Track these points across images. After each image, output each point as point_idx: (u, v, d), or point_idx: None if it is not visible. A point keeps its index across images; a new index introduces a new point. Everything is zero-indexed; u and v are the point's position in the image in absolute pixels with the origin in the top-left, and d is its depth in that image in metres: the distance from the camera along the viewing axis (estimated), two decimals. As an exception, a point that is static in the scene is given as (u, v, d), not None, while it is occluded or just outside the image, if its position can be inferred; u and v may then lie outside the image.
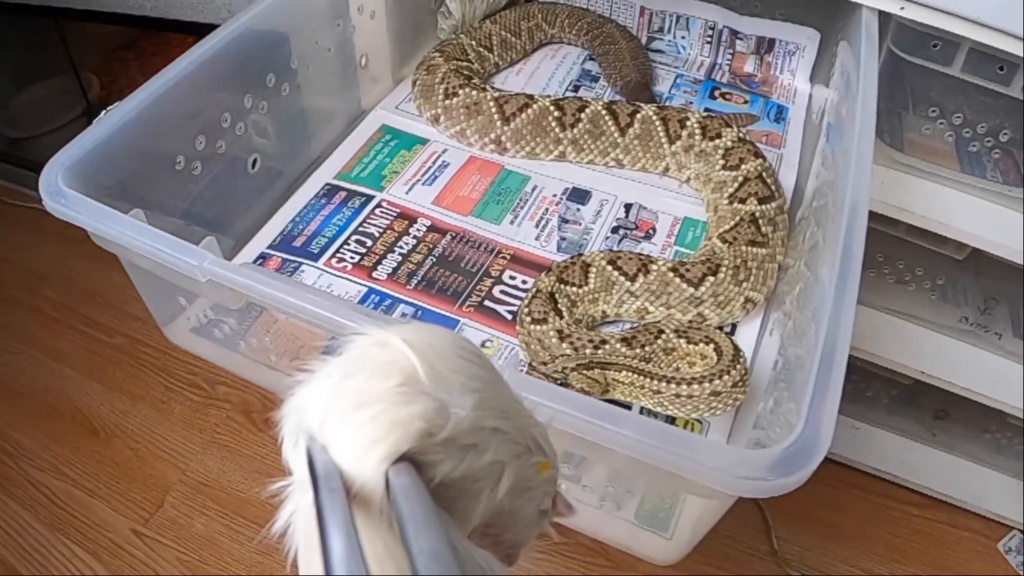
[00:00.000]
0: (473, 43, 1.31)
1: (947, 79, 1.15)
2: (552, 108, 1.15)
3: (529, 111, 1.15)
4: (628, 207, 1.12)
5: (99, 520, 1.49)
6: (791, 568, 1.49)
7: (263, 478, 1.51)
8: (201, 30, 1.52)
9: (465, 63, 1.26)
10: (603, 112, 1.14)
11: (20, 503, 1.51)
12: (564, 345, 0.88)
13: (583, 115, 1.15)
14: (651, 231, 1.09)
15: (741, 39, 1.41)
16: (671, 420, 0.88)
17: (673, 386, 0.82)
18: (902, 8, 1.06)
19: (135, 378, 1.71)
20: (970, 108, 1.22)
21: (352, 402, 0.36)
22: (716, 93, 1.35)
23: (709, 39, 1.43)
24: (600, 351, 0.88)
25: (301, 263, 1.01)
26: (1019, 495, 1.62)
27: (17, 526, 1.48)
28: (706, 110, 1.29)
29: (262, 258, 1.02)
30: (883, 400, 1.60)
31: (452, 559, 0.32)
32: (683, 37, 1.44)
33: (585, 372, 0.83)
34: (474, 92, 1.17)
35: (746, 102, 1.33)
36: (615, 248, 1.06)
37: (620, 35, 1.38)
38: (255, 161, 1.06)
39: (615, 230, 1.09)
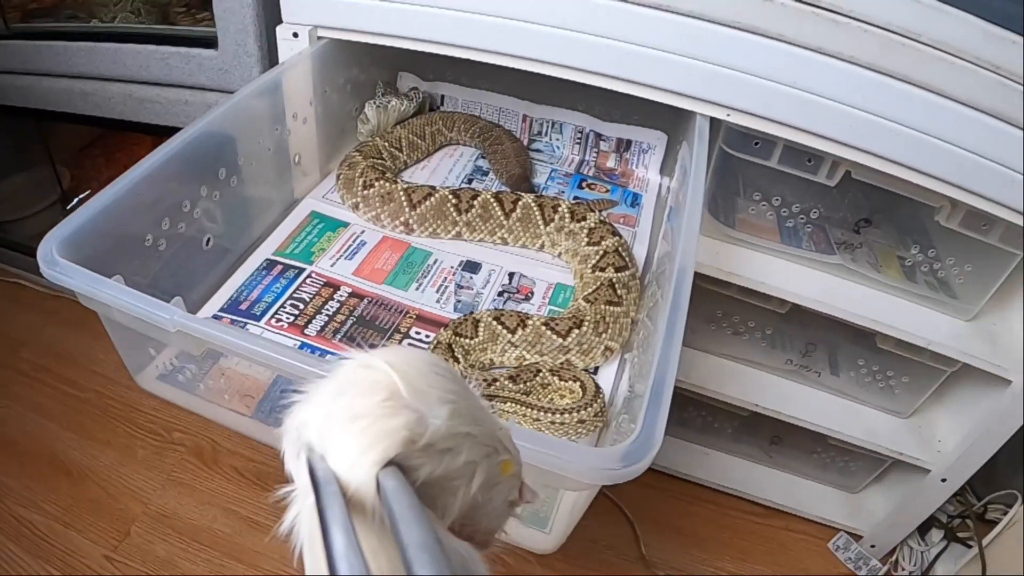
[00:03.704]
0: (386, 144, 1.37)
1: (767, 170, 1.22)
2: (450, 196, 1.21)
3: (432, 199, 1.21)
4: (511, 275, 1.19)
5: (75, 548, 1.50)
6: (658, 569, 1.53)
7: (213, 509, 1.55)
8: (158, 131, 1.58)
9: (380, 161, 1.32)
10: (491, 200, 1.21)
11: (7, 536, 1.51)
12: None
13: (475, 202, 1.21)
14: (530, 294, 1.15)
15: (604, 140, 1.50)
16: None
17: (549, 415, 0.89)
18: (728, 115, 1.13)
19: (103, 427, 1.71)
20: (787, 192, 1.30)
21: (345, 417, 0.37)
22: (583, 184, 1.42)
23: (578, 140, 1.52)
24: (492, 387, 0.95)
25: (247, 323, 1.05)
26: (842, 503, 1.70)
27: (5, 556, 1.48)
28: (575, 198, 1.36)
29: (216, 318, 1.06)
30: (727, 430, 1.65)
31: (438, 550, 0.32)
32: (557, 139, 1.53)
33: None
34: (387, 184, 1.22)
35: (607, 190, 1.40)
36: (500, 307, 1.12)
37: (506, 137, 1.45)
38: (208, 240, 1.10)
39: (500, 294, 1.15)
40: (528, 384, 0.96)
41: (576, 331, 1.01)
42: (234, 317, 1.06)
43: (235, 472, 1.62)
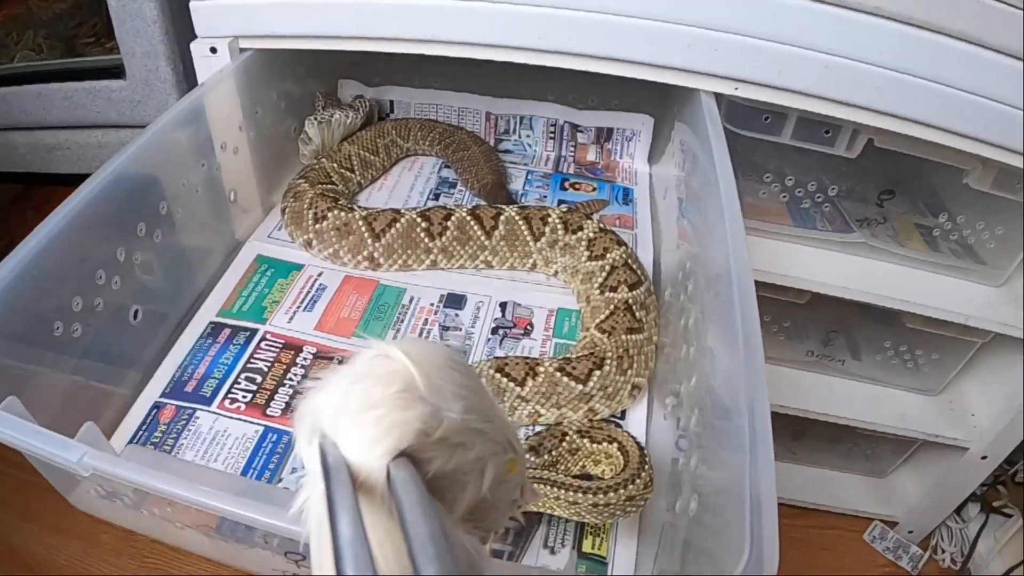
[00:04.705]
0: (335, 165, 1.15)
1: (778, 147, 1.07)
2: (419, 220, 1.00)
3: (398, 225, 1.00)
4: (503, 306, 0.98)
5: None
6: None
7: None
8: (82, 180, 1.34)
9: (330, 186, 1.10)
10: (468, 218, 1.00)
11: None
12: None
13: (449, 223, 1.00)
14: (529, 327, 0.95)
15: (581, 131, 1.31)
16: (581, 526, 0.73)
17: (590, 496, 0.68)
18: (736, 88, 0.96)
19: (63, 512, 1.47)
20: (800, 170, 1.17)
21: (360, 405, 0.35)
22: (566, 184, 1.23)
23: (552, 135, 1.32)
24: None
25: (195, 409, 0.83)
26: (872, 490, 1.57)
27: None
28: (560, 202, 1.18)
29: (156, 408, 0.84)
30: (747, 432, 1.48)
31: (444, 542, 0.31)
32: (528, 136, 1.33)
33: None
34: (343, 213, 1.01)
35: (594, 189, 1.22)
36: (498, 349, 0.92)
37: (471, 140, 1.25)
38: (136, 312, 0.88)
39: (495, 331, 0.94)
40: (554, 454, 0.75)
41: (597, 372, 0.81)
42: (179, 403, 0.84)
43: (210, 550, 1.40)
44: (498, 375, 0.81)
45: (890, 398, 1.36)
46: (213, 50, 1.04)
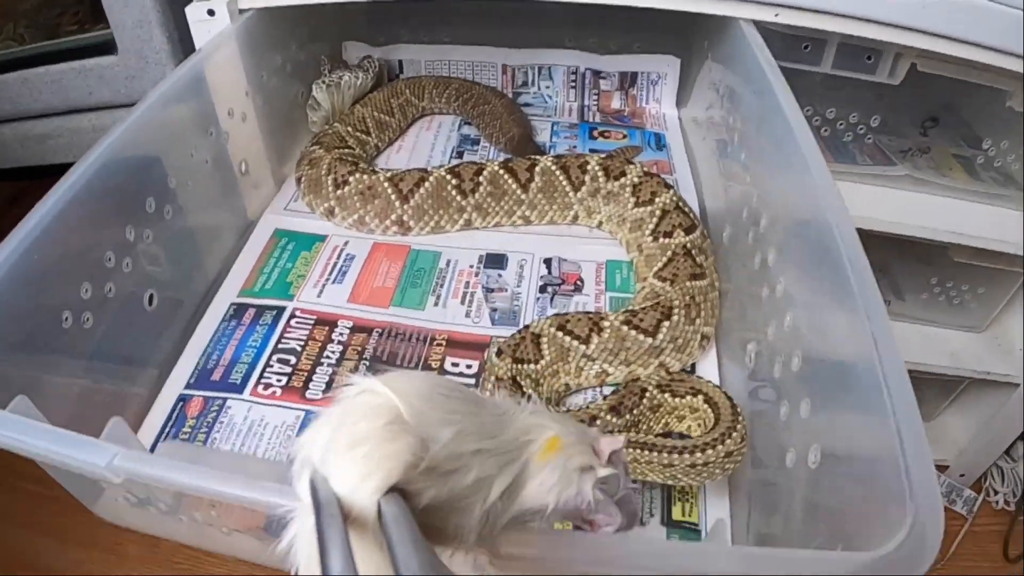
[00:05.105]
0: (349, 129, 1.07)
1: (818, 77, 1.02)
2: (449, 177, 0.92)
3: (426, 184, 0.92)
4: (548, 262, 0.91)
5: None
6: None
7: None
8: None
9: (346, 150, 1.02)
10: (501, 172, 0.93)
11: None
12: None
13: (482, 178, 0.93)
14: (579, 282, 0.88)
15: (604, 78, 1.23)
16: (669, 488, 0.66)
17: (687, 456, 0.61)
18: (777, 15, 0.89)
19: (84, 526, 1.39)
20: (841, 102, 1.13)
21: (347, 442, 0.34)
22: (595, 133, 1.16)
23: (573, 84, 1.24)
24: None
25: (226, 399, 0.75)
26: None
27: None
28: (591, 151, 1.09)
29: (182, 400, 0.76)
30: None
31: None
32: (547, 87, 1.25)
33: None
34: (365, 176, 0.93)
35: (624, 136, 1.14)
36: (549, 308, 0.84)
37: (490, 94, 1.18)
38: (151, 296, 0.79)
39: (543, 289, 0.87)
40: (635, 413, 0.68)
41: (666, 323, 0.73)
42: (208, 394, 0.76)
43: (244, 550, 1.33)
44: (560, 333, 0.73)
45: (937, 337, 1.31)
46: (211, 13, 0.95)
